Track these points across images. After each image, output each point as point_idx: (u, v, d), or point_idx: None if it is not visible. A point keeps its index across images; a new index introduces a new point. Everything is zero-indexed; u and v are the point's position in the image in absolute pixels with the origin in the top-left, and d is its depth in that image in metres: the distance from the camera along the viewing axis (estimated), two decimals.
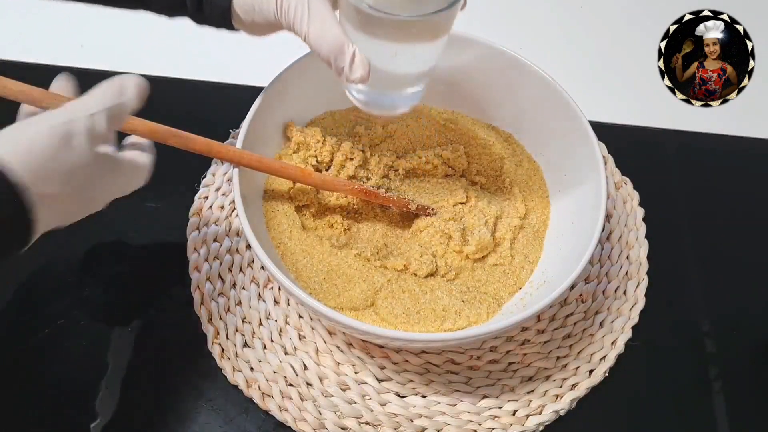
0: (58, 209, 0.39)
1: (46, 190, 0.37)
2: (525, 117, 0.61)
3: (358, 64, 0.44)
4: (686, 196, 0.66)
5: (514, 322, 0.47)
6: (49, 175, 0.38)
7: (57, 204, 0.39)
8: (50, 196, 0.38)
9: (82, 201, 0.42)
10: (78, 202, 0.41)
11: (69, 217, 0.41)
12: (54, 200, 0.38)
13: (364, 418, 0.52)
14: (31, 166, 0.37)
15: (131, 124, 0.48)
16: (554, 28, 0.79)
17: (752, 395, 0.56)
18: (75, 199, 0.40)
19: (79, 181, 0.39)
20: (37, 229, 0.38)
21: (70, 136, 0.39)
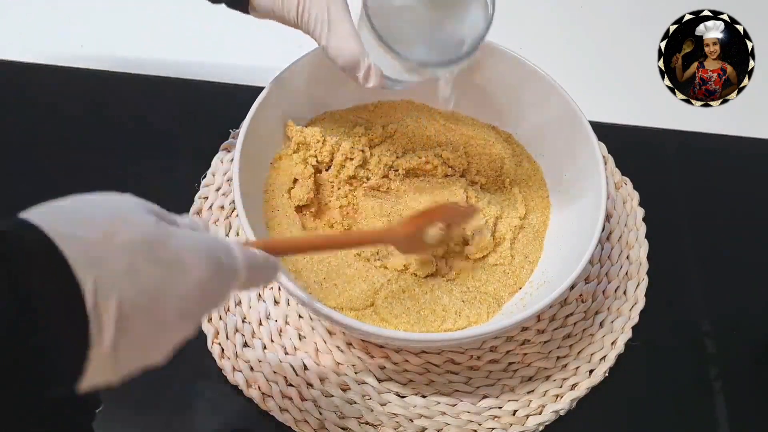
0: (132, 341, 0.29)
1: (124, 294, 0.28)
2: (525, 117, 0.61)
3: (372, 76, 0.46)
4: (686, 196, 0.66)
5: (514, 322, 0.47)
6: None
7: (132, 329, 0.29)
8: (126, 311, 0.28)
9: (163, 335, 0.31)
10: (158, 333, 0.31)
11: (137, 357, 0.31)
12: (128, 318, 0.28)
13: (365, 418, 0.52)
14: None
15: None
16: (554, 28, 0.79)
17: (752, 395, 0.56)
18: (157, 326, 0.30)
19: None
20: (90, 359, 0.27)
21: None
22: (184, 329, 0.31)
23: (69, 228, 0.27)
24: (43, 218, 0.27)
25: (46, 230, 0.26)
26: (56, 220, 0.27)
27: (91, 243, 0.27)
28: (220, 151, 0.65)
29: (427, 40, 0.47)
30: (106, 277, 0.27)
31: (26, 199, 0.63)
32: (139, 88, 0.69)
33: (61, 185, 0.62)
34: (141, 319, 0.28)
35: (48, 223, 0.27)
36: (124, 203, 0.30)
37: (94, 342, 0.27)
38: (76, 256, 0.26)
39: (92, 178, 0.63)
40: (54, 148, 0.65)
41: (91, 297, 0.26)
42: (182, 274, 0.30)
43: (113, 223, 0.29)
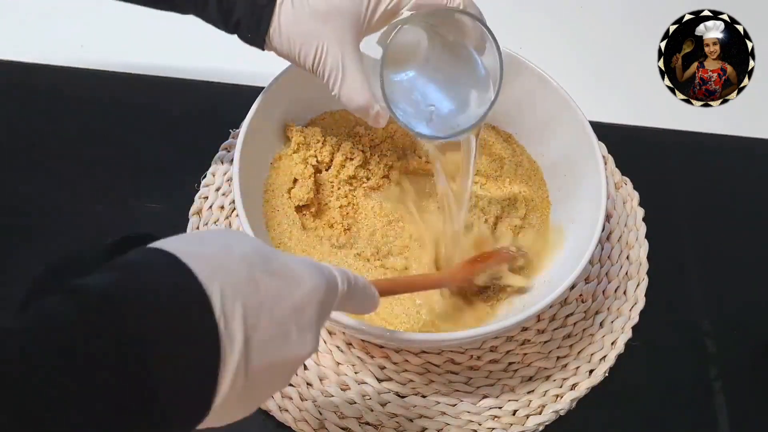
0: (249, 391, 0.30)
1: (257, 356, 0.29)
2: (525, 117, 0.61)
3: (380, 121, 0.48)
4: (686, 196, 0.66)
5: (514, 322, 0.47)
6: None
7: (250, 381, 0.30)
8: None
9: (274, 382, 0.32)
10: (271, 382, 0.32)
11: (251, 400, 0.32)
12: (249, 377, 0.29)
13: (365, 418, 0.52)
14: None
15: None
16: (554, 28, 0.79)
17: (752, 395, 0.56)
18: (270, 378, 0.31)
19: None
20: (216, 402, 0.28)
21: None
22: (304, 345, 0.32)
23: (191, 247, 0.29)
24: (166, 244, 0.29)
25: (171, 251, 0.28)
26: (179, 243, 0.29)
27: (212, 256, 0.29)
28: (220, 151, 0.65)
29: (431, 113, 0.50)
30: (229, 285, 0.28)
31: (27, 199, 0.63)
32: (139, 88, 0.69)
33: (61, 185, 0.63)
34: (266, 326, 0.30)
35: (172, 246, 0.29)
36: (231, 231, 0.32)
37: (225, 352, 0.28)
38: (200, 268, 0.28)
39: (92, 178, 0.64)
40: (54, 148, 0.65)
41: (219, 302, 0.28)
42: (296, 283, 0.32)
43: (228, 242, 0.31)
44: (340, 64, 0.47)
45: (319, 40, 0.47)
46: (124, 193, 0.62)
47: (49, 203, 0.61)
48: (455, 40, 0.49)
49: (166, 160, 0.65)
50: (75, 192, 0.62)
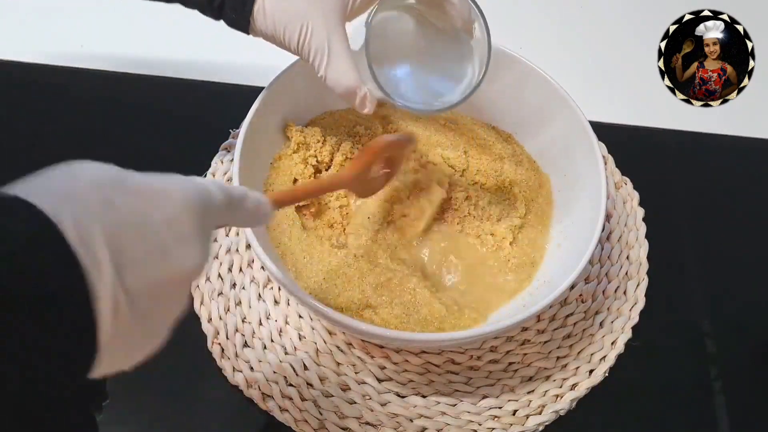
0: (134, 317, 0.28)
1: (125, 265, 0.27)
2: (525, 117, 0.61)
3: (367, 104, 0.48)
4: (686, 196, 0.66)
5: (514, 322, 0.47)
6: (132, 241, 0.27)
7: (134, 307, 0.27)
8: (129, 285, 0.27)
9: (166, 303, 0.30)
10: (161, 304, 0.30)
11: (144, 337, 0.30)
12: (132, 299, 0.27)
13: (365, 418, 0.52)
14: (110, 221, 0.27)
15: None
16: (554, 28, 0.79)
17: (752, 395, 0.56)
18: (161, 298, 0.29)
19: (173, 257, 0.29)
20: (102, 341, 0.26)
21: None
22: (187, 257, 0.30)
23: (33, 184, 0.27)
24: (8, 189, 0.27)
25: (19, 194, 0.26)
26: (21, 185, 0.27)
27: (57, 187, 0.27)
28: (220, 151, 0.65)
29: (418, 86, 0.50)
30: (81, 210, 0.26)
31: None
32: (139, 88, 0.69)
33: None
34: (135, 244, 0.27)
35: (14, 190, 0.26)
36: (77, 162, 0.30)
37: (93, 279, 0.25)
38: (45, 200, 0.25)
39: None
40: (54, 148, 0.65)
41: (72, 229, 0.25)
42: (161, 197, 0.29)
43: (72, 171, 0.28)
44: (326, 44, 0.46)
45: (305, 19, 0.46)
46: None
47: None
48: (444, 25, 0.48)
49: (166, 160, 0.65)
50: None
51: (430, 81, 0.51)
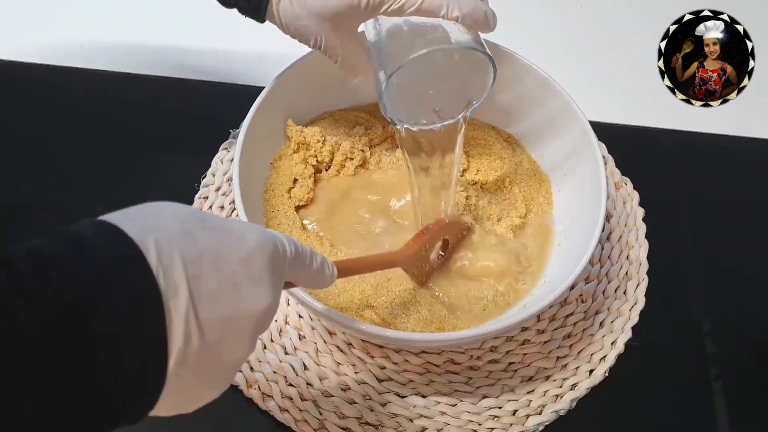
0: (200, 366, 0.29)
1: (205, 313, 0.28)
2: (525, 117, 0.61)
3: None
4: (686, 196, 0.66)
5: (514, 322, 0.47)
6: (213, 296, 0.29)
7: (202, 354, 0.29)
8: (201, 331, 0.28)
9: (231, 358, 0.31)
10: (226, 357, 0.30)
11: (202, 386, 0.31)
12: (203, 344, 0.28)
13: (365, 418, 0.52)
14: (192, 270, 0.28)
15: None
16: (554, 28, 0.79)
17: (752, 395, 0.56)
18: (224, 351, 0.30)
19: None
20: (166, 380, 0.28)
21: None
22: (257, 297, 0.31)
23: (122, 214, 0.29)
24: (106, 217, 0.29)
25: (109, 221, 0.28)
26: (111, 214, 0.29)
27: (144, 217, 0.29)
28: (220, 151, 0.65)
29: (423, 104, 0.52)
30: (164, 238, 0.28)
31: (26, 199, 0.63)
32: (139, 88, 0.69)
33: (61, 185, 0.63)
34: (211, 276, 0.29)
35: (104, 217, 0.28)
36: (163, 202, 0.32)
37: (169, 304, 0.27)
38: (132, 227, 0.27)
39: (92, 178, 0.64)
40: (54, 148, 0.65)
41: (154, 255, 0.27)
42: (237, 238, 0.31)
43: (159, 207, 0.30)
44: (338, 49, 0.49)
45: (318, 34, 0.48)
46: (124, 192, 0.62)
47: (49, 203, 0.61)
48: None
49: (166, 160, 0.65)
50: (75, 192, 0.62)
51: (435, 98, 0.51)
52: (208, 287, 0.28)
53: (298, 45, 0.55)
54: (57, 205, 0.61)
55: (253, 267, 0.31)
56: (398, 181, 0.58)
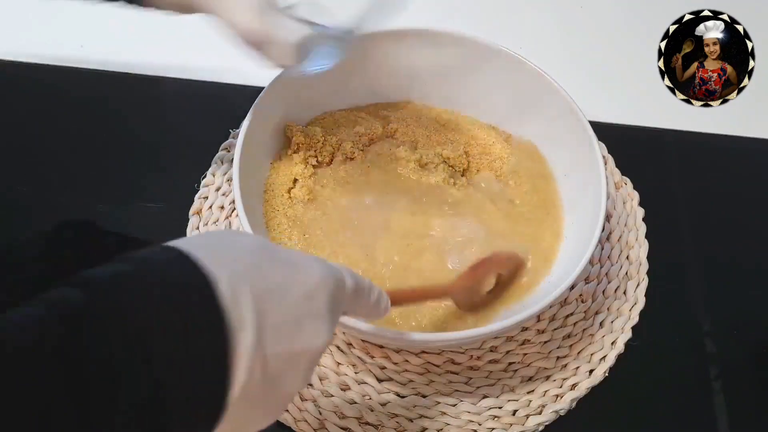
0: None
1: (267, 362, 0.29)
2: (525, 117, 0.61)
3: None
4: (686, 196, 0.66)
5: (514, 322, 0.47)
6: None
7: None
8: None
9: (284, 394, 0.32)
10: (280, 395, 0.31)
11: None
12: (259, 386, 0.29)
13: (365, 418, 0.52)
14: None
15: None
16: (554, 28, 0.79)
17: (752, 395, 0.56)
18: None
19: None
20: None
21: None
22: (318, 333, 0.31)
23: (195, 241, 0.30)
24: (177, 243, 0.29)
25: (181, 248, 0.28)
26: (184, 240, 0.29)
27: (217, 247, 0.29)
28: (220, 151, 0.65)
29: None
30: (236, 271, 0.28)
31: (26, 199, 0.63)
32: (139, 88, 0.69)
33: (62, 185, 0.63)
34: (277, 312, 0.29)
35: (177, 243, 0.29)
36: (235, 230, 0.32)
37: (237, 337, 0.27)
38: (205, 256, 0.28)
39: (92, 178, 0.63)
40: (54, 149, 0.65)
41: (227, 287, 0.27)
42: (303, 272, 0.31)
43: (232, 236, 0.32)
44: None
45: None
46: (124, 193, 0.62)
47: (49, 203, 0.61)
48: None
49: (166, 160, 0.65)
50: (75, 192, 0.62)
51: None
52: (273, 322, 0.29)
53: None
54: (57, 205, 0.61)
55: (316, 303, 0.31)
56: (398, 180, 0.58)
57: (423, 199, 0.58)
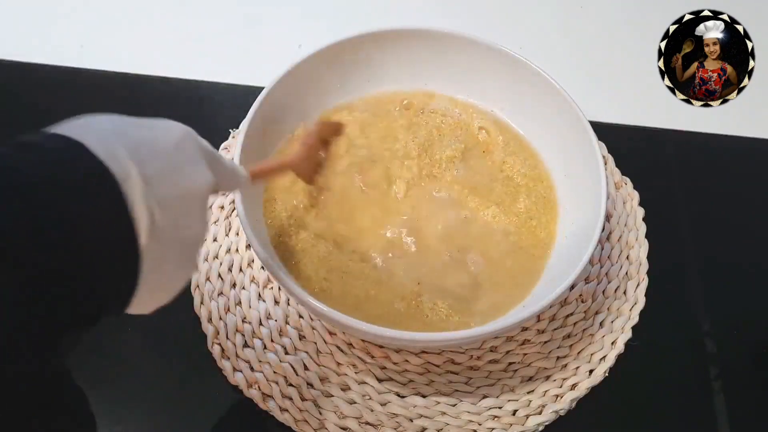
0: (168, 252, 0.32)
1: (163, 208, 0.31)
2: (525, 117, 0.61)
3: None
4: (686, 196, 0.66)
5: (514, 322, 0.47)
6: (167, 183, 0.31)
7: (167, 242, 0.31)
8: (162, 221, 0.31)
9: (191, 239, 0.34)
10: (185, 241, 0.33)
11: (176, 271, 0.34)
12: (165, 234, 0.31)
13: (365, 418, 0.52)
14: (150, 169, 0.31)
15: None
16: (554, 28, 0.79)
17: (752, 395, 0.56)
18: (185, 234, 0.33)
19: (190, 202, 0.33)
20: (143, 270, 0.30)
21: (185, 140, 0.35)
22: (199, 174, 0.34)
23: (53, 127, 0.31)
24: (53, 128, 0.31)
25: (45, 131, 0.30)
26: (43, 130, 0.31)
27: (80, 125, 0.31)
28: (220, 151, 0.65)
29: None
30: (103, 135, 0.30)
31: None
32: (139, 88, 0.69)
33: None
34: (153, 160, 0.31)
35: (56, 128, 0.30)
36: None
37: (125, 185, 0.29)
38: (72, 131, 0.30)
39: None
40: None
41: (101, 147, 0.29)
42: (164, 128, 0.34)
43: (89, 116, 0.32)
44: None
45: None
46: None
47: None
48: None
49: None
50: None
51: None
52: (154, 169, 0.31)
53: (298, 45, 0.55)
54: None
55: (187, 151, 0.34)
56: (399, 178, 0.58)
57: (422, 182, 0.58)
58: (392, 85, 0.63)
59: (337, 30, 0.59)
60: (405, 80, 0.63)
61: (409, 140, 0.61)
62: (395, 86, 0.63)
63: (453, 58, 0.61)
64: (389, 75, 0.62)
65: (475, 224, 0.57)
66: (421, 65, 0.62)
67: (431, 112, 0.63)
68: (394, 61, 0.61)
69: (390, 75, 0.62)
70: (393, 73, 0.62)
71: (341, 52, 0.59)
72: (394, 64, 0.62)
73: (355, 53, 0.60)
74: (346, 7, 0.77)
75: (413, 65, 0.62)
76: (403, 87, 0.63)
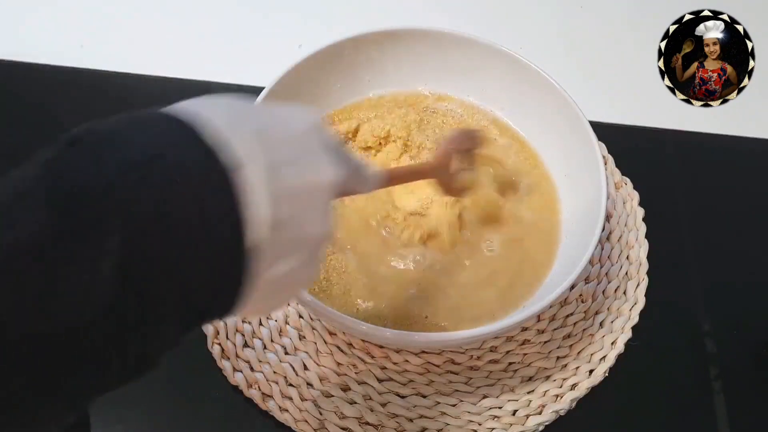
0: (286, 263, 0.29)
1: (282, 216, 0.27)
2: (525, 117, 0.61)
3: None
4: (686, 196, 0.66)
5: (514, 322, 0.47)
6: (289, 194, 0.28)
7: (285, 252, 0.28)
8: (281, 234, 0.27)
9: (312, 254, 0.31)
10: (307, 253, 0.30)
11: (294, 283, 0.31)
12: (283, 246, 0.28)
13: (365, 418, 0.52)
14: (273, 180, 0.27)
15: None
16: (554, 28, 0.79)
17: (752, 395, 0.56)
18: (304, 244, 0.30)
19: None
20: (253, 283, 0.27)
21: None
22: (322, 167, 0.30)
23: (170, 107, 0.28)
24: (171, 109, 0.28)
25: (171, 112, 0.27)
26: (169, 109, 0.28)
27: (199, 104, 0.28)
28: None
29: None
30: (229, 115, 0.27)
31: None
32: (139, 88, 0.69)
33: None
34: (282, 147, 0.28)
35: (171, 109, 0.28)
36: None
37: (248, 167, 0.26)
38: (191, 108, 0.27)
39: None
40: None
41: (225, 125, 0.26)
42: (294, 115, 0.31)
43: (209, 96, 0.30)
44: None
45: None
46: None
47: None
48: None
49: None
50: None
51: None
52: (281, 156, 0.28)
53: (298, 45, 0.55)
54: None
55: (314, 140, 0.30)
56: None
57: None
58: (392, 85, 0.63)
59: (337, 30, 0.59)
60: (405, 80, 0.63)
61: (409, 140, 0.61)
62: (395, 86, 0.63)
63: (453, 58, 0.61)
64: (389, 75, 0.62)
65: (474, 224, 0.57)
66: (421, 65, 0.62)
67: (432, 113, 0.63)
68: (394, 61, 0.61)
69: (390, 75, 0.62)
70: (393, 73, 0.62)
71: (341, 52, 0.59)
72: (394, 64, 0.62)
73: (355, 53, 0.60)
74: (346, 7, 0.77)
75: (413, 65, 0.62)
76: (403, 87, 0.63)
